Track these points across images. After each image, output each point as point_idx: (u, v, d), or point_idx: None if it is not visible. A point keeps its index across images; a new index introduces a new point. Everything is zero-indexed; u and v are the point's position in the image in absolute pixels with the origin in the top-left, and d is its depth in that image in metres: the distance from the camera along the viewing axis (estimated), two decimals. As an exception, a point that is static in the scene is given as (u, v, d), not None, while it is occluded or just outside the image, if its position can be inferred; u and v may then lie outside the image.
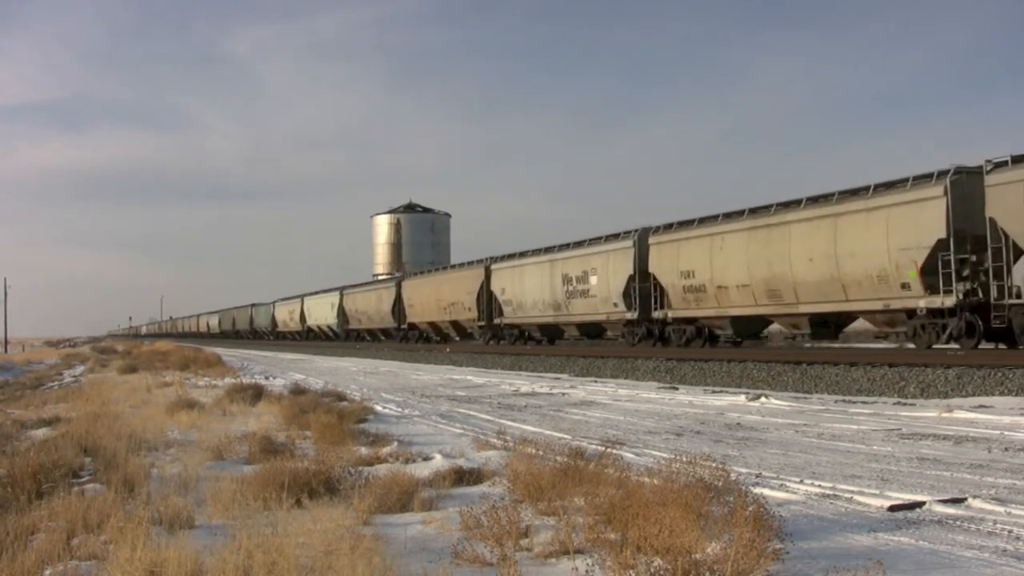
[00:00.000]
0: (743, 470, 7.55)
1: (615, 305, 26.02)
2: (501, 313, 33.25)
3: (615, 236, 26.71)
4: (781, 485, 7.03)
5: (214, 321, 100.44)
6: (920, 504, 6.19)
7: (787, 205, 20.48)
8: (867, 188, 18.43)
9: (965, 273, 16.06)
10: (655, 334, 25.33)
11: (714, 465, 6.04)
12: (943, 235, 16.08)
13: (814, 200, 19.77)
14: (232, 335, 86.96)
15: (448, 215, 77.99)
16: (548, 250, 30.68)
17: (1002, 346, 16.42)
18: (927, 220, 16.51)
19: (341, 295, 53.35)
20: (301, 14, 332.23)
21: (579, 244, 28.58)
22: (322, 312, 57.72)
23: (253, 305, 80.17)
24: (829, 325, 20.41)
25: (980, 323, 16.11)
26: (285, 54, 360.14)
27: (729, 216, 22.31)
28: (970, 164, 16.44)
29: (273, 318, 71.83)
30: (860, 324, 21.38)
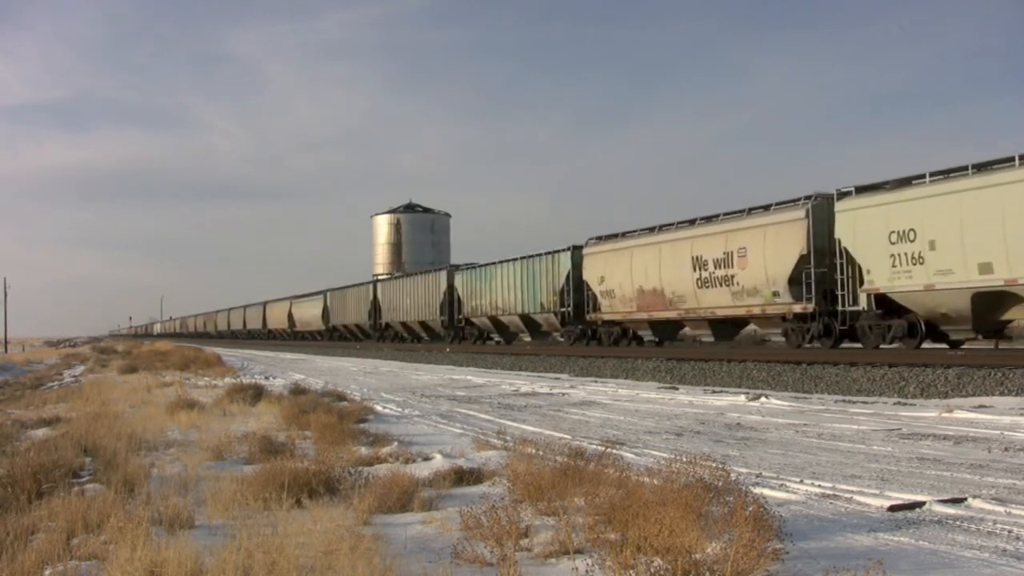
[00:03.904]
0: (743, 470, 7.54)
1: (775, 295, 20.12)
2: (595, 307, 27.18)
3: (779, 206, 20.61)
4: (781, 485, 7.03)
5: (223, 319, 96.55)
6: (920, 504, 6.19)
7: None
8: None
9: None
10: (834, 331, 19.23)
11: (714, 465, 6.03)
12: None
13: None
14: (244, 335, 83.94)
15: (448, 215, 77.92)
16: (667, 227, 24.46)
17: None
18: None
19: (374, 287, 49.42)
20: (305, 14, 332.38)
21: (719, 217, 22.47)
22: (353, 308, 52.67)
23: (266, 303, 76.92)
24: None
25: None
26: (288, 54, 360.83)
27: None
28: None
29: (290, 315, 67.21)
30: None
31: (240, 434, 10.51)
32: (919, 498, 6.32)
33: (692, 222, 23.38)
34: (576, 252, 28.51)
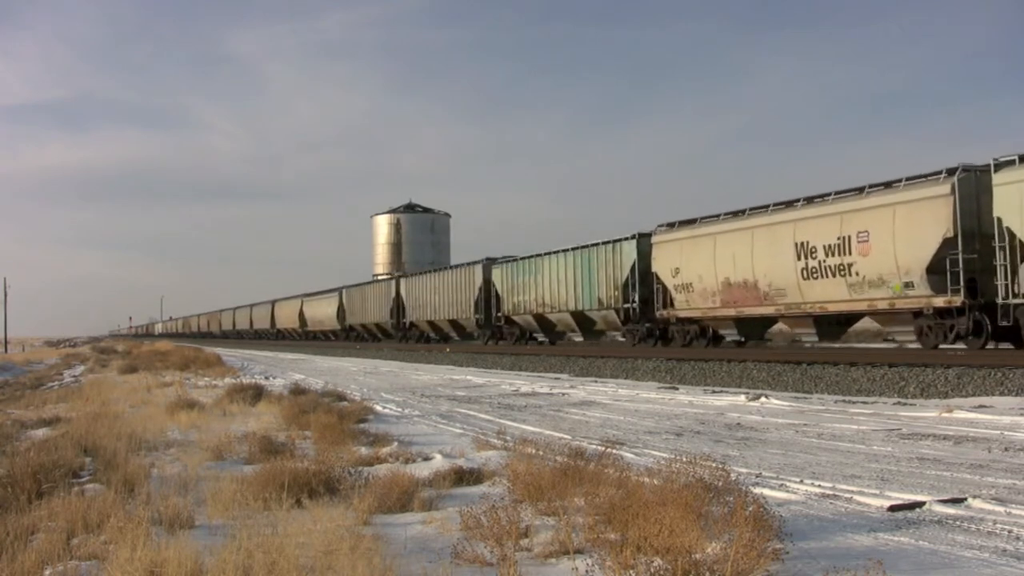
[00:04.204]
0: (743, 470, 7.54)
1: (908, 286, 17.05)
2: (669, 303, 24.04)
3: (909, 181, 17.39)
4: (781, 485, 7.03)
5: (227, 319, 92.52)
6: (920, 504, 6.19)
7: None
8: None
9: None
10: (985, 328, 16.19)
11: (714, 465, 6.03)
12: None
13: None
14: (251, 336, 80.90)
15: (448, 215, 77.99)
16: (757, 210, 21.16)
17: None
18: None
19: (397, 283, 45.32)
20: (305, 14, 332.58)
21: (829, 197, 19.09)
22: (373, 306, 48.74)
23: (275, 301, 73.88)
24: None
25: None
26: (288, 54, 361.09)
27: None
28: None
29: (301, 314, 63.68)
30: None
31: (240, 434, 10.52)
32: (919, 498, 6.32)
33: (792, 203, 19.97)
34: (643, 240, 25.04)
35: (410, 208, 76.11)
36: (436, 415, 13.84)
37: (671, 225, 24.19)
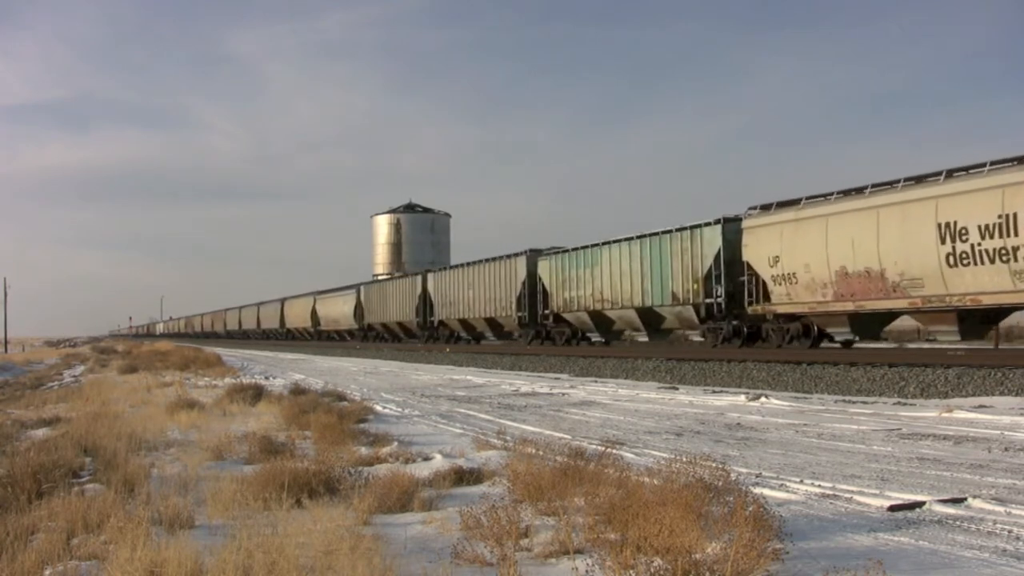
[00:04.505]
0: (743, 470, 7.54)
1: None
2: (762, 297, 20.48)
3: None
4: (781, 485, 7.03)
5: (233, 318, 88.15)
6: (920, 504, 6.19)
7: None
8: None
9: None
10: None
11: (714, 465, 6.03)
12: None
13: None
14: (258, 335, 77.20)
15: (448, 215, 78.01)
16: (881, 187, 17.92)
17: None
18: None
19: (424, 279, 41.06)
20: (305, 13, 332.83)
21: (984, 169, 15.79)
22: (395, 304, 44.57)
23: (284, 299, 69.79)
24: None
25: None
26: (288, 54, 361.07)
27: None
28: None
29: (314, 313, 59.32)
30: None
31: (240, 434, 10.52)
32: (919, 498, 6.32)
33: (928, 178, 16.95)
34: (730, 225, 21.67)
35: (410, 208, 76.13)
36: (436, 415, 13.84)
37: (766, 207, 20.85)
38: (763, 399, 14.74)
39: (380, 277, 63.78)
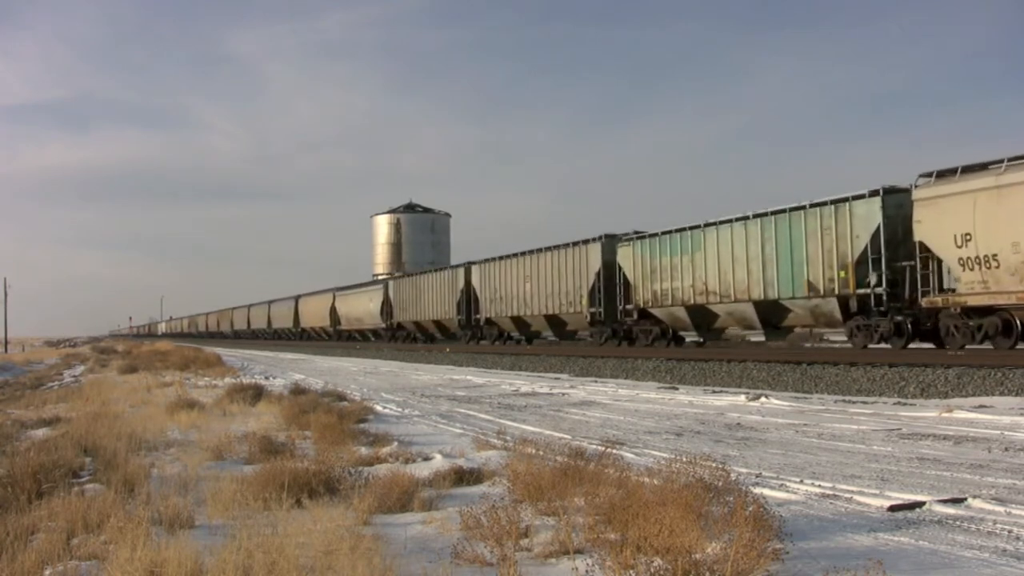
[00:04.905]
0: (743, 470, 7.54)
1: None
2: (941, 286, 17.01)
3: None
4: (781, 485, 7.03)
5: (240, 317, 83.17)
6: (920, 504, 6.19)
7: None
8: None
9: None
10: None
11: (714, 465, 6.04)
12: None
13: None
14: (269, 335, 73.08)
15: (448, 215, 78.10)
16: None
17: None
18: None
19: (467, 272, 36.37)
20: (305, 14, 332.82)
21: None
22: (432, 301, 39.89)
23: (298, 297, 64.55)
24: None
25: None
26: (288, 54, 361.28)
27: None
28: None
29: (333, 311, 54.78)
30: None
31: (240, 434, 10.52)
32: (919, 498, 6.32)
33: None
34: (893, 198, 17.79)
35: (410, 208, 76.21)
36: (436, 415, 13.84)
37: (945, 173, 16.60)
38: (763, 399, 14.74)
39: (380, 276, 63.67)
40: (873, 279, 17.98)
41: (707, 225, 22.63)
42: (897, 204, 17.78)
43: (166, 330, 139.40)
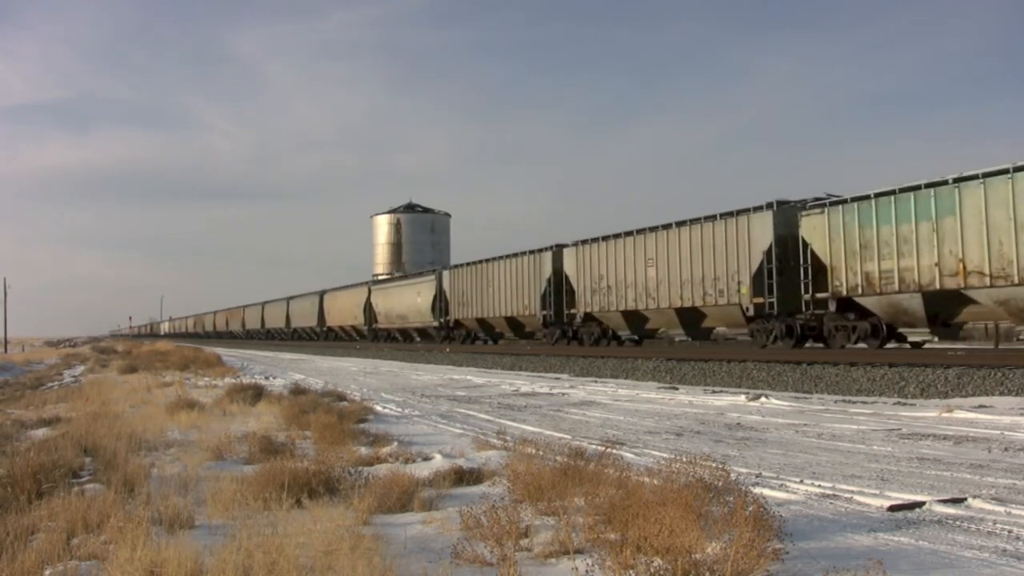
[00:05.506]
0: (743, 470, 7.55)
1: None
2: None
3: None
4: (781, 485, 7.03)
5: (252, 315, 77.59)
6: (920, 504, 6.19)
7: None
8: None
9: None
10: None
11: (714, 465, 6.04)
12: None
13: None
14: (287, 335, 67.96)
15: (448, 215, 78.07)
16: None
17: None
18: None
19: (558, 256, 29.44)
20: (305, 14, 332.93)
21: None
22: (508, 295, 32.51)
23: (323, 292, 58.35)
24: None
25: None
26: (289, 54, 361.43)
27: None
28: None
29: (368, 307, 48.04)
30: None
31: (240, 434, 10.52)
32: (919, 498, 6.32)
33: None
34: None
35: (410, 208, 76.18)
36: (436, 415, 13.84)
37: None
38: (763, 399, 14.75)
39: (381, 276, 63.64)
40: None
41: (942, 183, 16.22)
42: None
43: (169, 330, 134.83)
